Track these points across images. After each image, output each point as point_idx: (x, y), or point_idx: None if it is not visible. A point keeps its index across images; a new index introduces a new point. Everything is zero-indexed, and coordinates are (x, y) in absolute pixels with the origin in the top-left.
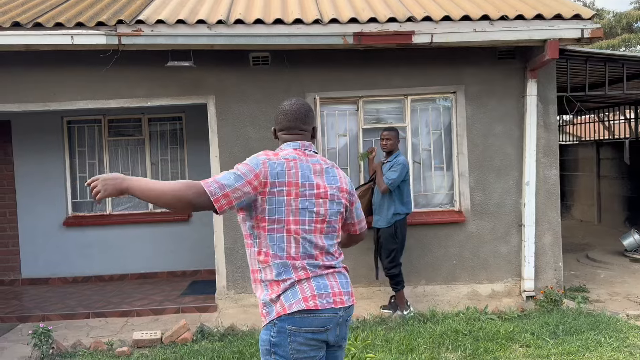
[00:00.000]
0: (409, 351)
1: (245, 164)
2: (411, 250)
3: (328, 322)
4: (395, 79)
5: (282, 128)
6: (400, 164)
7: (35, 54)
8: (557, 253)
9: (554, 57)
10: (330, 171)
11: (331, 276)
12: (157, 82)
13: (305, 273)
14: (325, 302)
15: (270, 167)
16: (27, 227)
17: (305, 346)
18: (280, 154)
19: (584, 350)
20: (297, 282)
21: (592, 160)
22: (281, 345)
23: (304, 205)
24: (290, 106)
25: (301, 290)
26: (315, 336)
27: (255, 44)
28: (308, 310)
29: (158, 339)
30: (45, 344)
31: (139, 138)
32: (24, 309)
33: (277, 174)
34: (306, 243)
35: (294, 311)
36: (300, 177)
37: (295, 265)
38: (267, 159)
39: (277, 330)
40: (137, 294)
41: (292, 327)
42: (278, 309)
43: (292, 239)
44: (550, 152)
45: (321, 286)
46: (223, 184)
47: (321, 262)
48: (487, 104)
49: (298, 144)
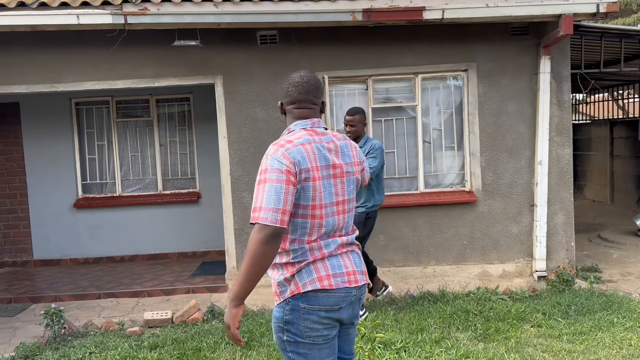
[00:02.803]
0: (419, 331)
1: (271, 170)
2: (421, 231)
3: (342, 301)
4: (405, 56)
5: (292, 101)
6: (378, 148)
7: (42, 35)
8: (570, 233)
9: (568, 33)
10: (343, 147)
11: (345, 255)
12: (164, 62)
13: (321, 253)
14: (339, 281)
15: (292, 157)
16: (37, 209)
17: (319, 324)
18: (294, 140)
19: (596, 331)
20: (312, 263)
21: (605, 140)
22: (294, 322)
23: (326, 188)
24: (301, 78)
25: (316, 270)
26: (329, 314)
27: (263, 22)
28: (323, 289)
29: (169, 319)
30: (57, 324)
31: (147, 119)
32: (36, 290)
33: (300, 162)
34: (327, 226)
35: (308, 290)
36: (318, 159)
37: (312, 248)
38: (285, 151)
39: (290, 308)
40: (148, 275)
41: (305, 305)
42: (292, 288)
43: (315, 224)
44: (563, 130)
45: (335, 266)
46: (275, 207)
47: (339, 241)
48: (500, 82)
49: (308, 123)
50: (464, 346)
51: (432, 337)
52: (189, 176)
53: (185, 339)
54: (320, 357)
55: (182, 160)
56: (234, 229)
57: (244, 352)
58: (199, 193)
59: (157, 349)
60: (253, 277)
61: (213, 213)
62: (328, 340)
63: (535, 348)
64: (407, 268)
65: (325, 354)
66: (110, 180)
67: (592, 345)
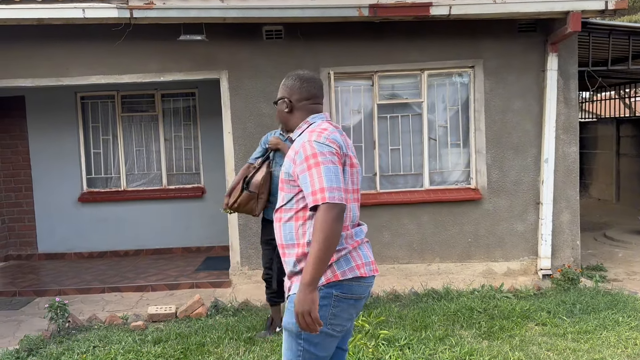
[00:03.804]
0: (423, 328)
1: (322, 153)
2: (425, 228)
3: (367, 289)
4: (411, 53)
5: (308, 97)
6: None
7: (48, 28)
8: (575, 231)
9: (576, 30)
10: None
11: (365, 246)
12: (169, 57)
13: (354, 242)
14: (369, 269)
15: (337, 141)
16: (42, 203)
17: (345, 313)
18: (329, 129)
19: (601, 329)
20: (349, 252)
21: (612, 138)
22: (321, 309)
23: (352, 176)
24: (311, 75)
25: (353, 258)
26: (357, 304)
27: (269, 17)
28: (360, 277)
29: (173, 314)
30: (61, 318)
31: (152, 114)
32: (40, 283)
33: (342, 146)
34: (353, 211)
35: (347, 278)
36: (349, 148)
37: (347, 235)
38: (328, 135)
39: (321, 295)
40: (152, 269)
41: (340, 293)
42: (329, 275)
43: (349, 209)
44: (570, 128)
45: (365, 255)
46: (338, 186)
47: (362, 229)
48: (506, 79)
49: (323, 116)
50: (467, 344)
51: (436, 334)
52: (194, 171)
53: (189, 333)
54: (330, 348)
55: (187, 155)
56: (238, 225)
57: (247, 347)
58: (203, 188)
59: (160, 344)
60: (326, 258)
61: (217, 208)
62: (342, 332)
63: (540, 346)
64: (412, 265)
65: (332, 345)
66: (115, 174)
67: (596, 344)
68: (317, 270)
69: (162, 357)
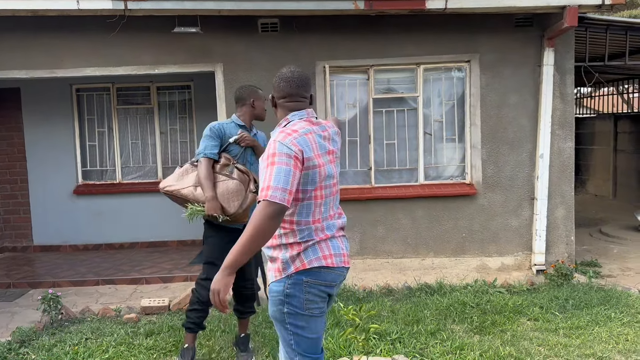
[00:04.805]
0: (415, 322)
1: (280, 154)
2: (420, 222)
3: (337, 278)
4: (407, 47)
5: (284, 95)
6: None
7: (43, 20)
8: (570, 227)
9: (572, 25)
10: (333, 134)
11: (340, 239)
12: (164, 49)
13: (324, 235)
14: (338, 260)
15: (300, 145)
16: (38, 195)
17: (317, 297)
18: (299, 130)
19: (593, 325)
20: (317, 243)
21: (609, 134)
22: (295, 295)
23: (326, 172)
24: (291, 73)
25: (320, 249)
26: (326, 289)
27: (264, 9)
28: (326, 266)
29: (166, 306)
30: (54, 310)
31: (147, 107)
32: (35, 275)
33: (306, 150)
34: (326, 206)
35: (314, 267)
36: (319, 147)
37: (317, 228)
38: (293, 139)
39: (292, 282)
40: (147, 262)
41: (309, 279)
42: (297, 264)
43: (317, 204)
44: (565, 123)
45: (335, 247)
46: (284, 187)
47: (335, 223)
48: (502, 74)
49: (304, 114)
50: (459, 338)
51: (427, 328)
52: None
53: (181, 326)
54: (315, 330)
55: (183, 148)
56: None
57: None
58: None
59: (152, 336)
60: (251, 249)
61: None
62: (322, 312)
63: (531, 341)
64: (406, 260)
65: (319, 327)
66: (110, 167)
67: (588, 339)
68: (238, 258)
69: (153, 350)
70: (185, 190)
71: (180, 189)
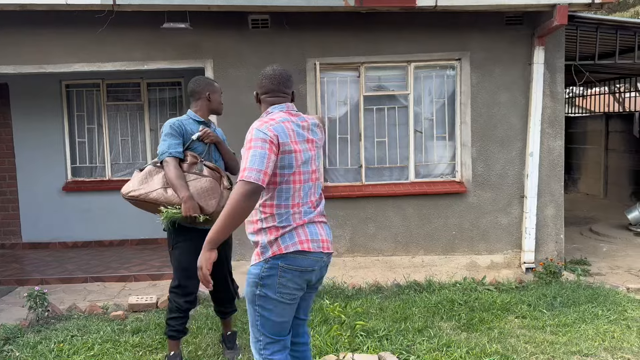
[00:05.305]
0: (403, 319)
1: (256, 139)
2: (410, 220)
3: (315, 264)
4: (398, 44)
5: (266, 91)
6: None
7: (31, 15)
8: (559, 225)
9: (562, 23)
10: (312, 125)
11: (319, 225)
12: (153, 45)
13: (302, 220)
14: (315, 246)
15: (276, 131)
16: (27, 192)
17: (292, 283)
18: (276, 118)
19: (580, 322)
20: (294, 229)
21: (601, 133)
22: (270, 278)
23: (303, 158)
24: (273, 71)
25: (297, 234)
26: (303, 275)
27: (254, 5)
28: (302, 251)
29: (154, 304)
30: (41, 307)
31: (138, 103)
32: (23, 273)
33: (281, 135)
34: (305, 191)
35: (290, 251)
36: (296, 135)
37: (295, 212)
38: (269, 125)
39: (269, 266)
40: (136, 259)
41: (284, 264)
42: (274, 249)
43: (296, 188)
44: (555, 122)
45: (313, 232)
46: (259, 168)
47: (314, 209)
48: (493, 72)
49: (284, 107)
50: (446, 335)
51: (415, 325)
52: None
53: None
54: (282, 314)
55: None
56: None
57: None
58: None
59: (139, 333)
60: (229, 226)
61: None
62: (293, 300)
63: (518, 339)
64: (396, 257)
65: (286, 312)
66: (100, 164)
67: (574, 337)
68: (219, 234)
69: (139, 347)
70: (154, 193)
71: (149, 192)
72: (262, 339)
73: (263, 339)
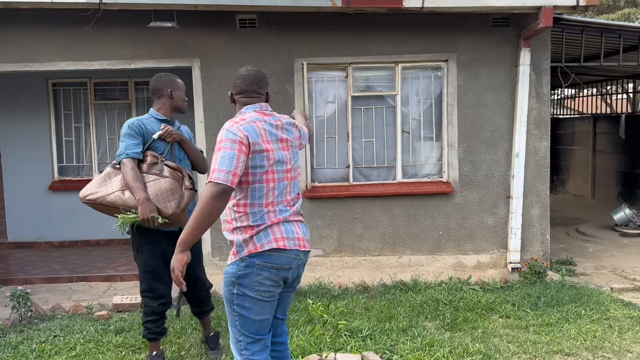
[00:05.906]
0: (388, 319)
1: (226, 140)
2: (397, 220)
3: (291, 261)
4: (386, 45)
5: (240, 92)
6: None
7: (16, 13)
8: (545, 225)
9: (548, 25)
10: (287, 124)
11: (296, 224)
12: (140, 44)
13: (277, 218)
14: (291, 243)
15: (246, 131)
16: (12, 191)
17: (268, 280)
18: (247, 118)
19: (563, 322)
20: (269, 227)
21: (589, 135)
22: (247, 277)
23: (278, 157)
24: (247, 72)
25: (272, 232)
26: (279, 273)
27: (241, 4)
28: (277, 249)
29: (138, 304)
30: (24, 307)
31: (125, 102)
32: (7, 272)
33: (252, 135)
34: (279, 188)
35: (265, 249)
36: (268, 134)
37: (269, 211)
38: (239, 126)
39: (245, 264)
40: (122, 259)
41: (260, 262)
42: (250, 247)
43: (270, 187)
44: (541, 123)
45: (289, 230)
46: (228, 169)
47: (289, 208)
48: (479, 73)
49: (257, 107)
50: (430, 335)
51: (399, 325)
52: None
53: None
54: (261, 312)
55: None
56: None
57: None
58: None
59: (122, 333)
60: (200, 227)
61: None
62: (272, 297)
63: (501, 338)
64: (383, 257)
65: (265, 310)
66: (87, 163)
67: (557, 336)
68: (191, 235)
69: (122, 347)
70: (111, 196)
71: (105, 195)
72: (242, 339)
73: (243, 339)
